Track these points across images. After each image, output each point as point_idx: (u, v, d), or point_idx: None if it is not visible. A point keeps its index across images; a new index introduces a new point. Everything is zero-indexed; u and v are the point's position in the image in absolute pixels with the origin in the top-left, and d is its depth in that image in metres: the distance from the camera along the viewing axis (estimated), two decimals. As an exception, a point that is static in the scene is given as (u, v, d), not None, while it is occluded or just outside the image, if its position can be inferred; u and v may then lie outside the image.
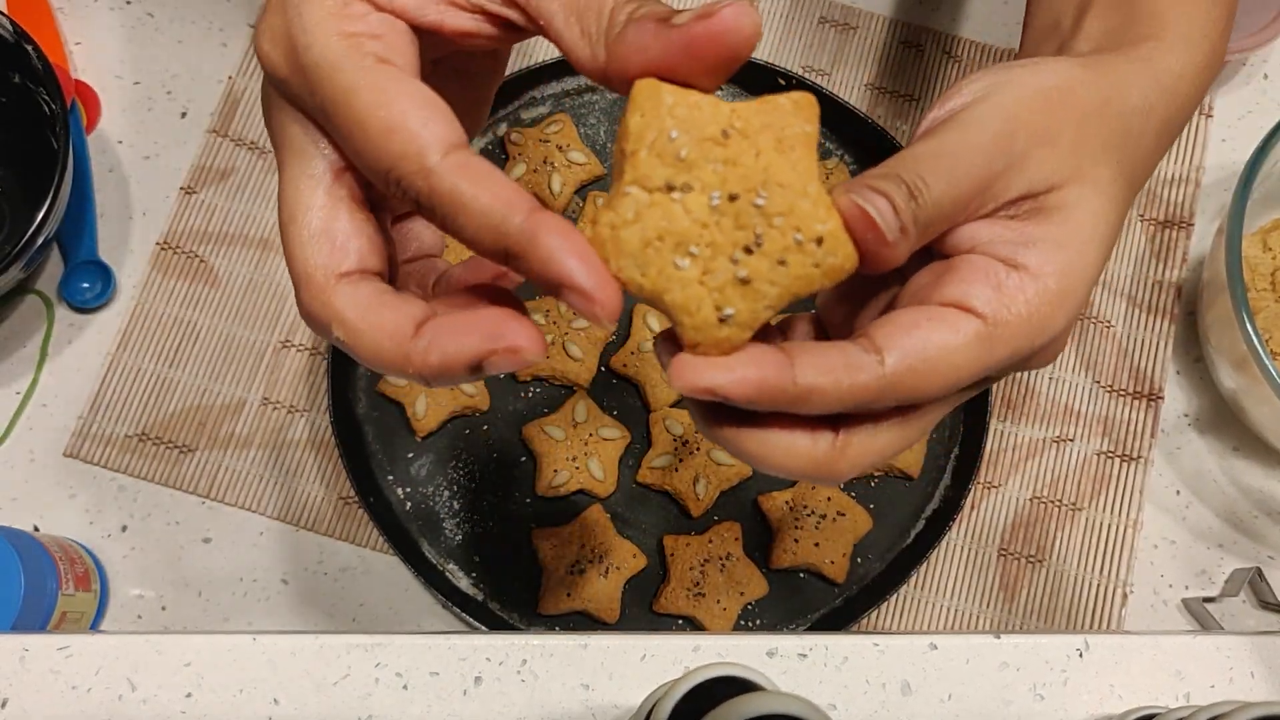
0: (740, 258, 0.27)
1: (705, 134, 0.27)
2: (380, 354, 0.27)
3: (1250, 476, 0.65)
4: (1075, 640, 0.42)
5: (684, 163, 0.27)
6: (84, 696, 0.40)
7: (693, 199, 0.27)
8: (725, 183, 0.27)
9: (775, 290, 0.27)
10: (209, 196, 0.68)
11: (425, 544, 0.62)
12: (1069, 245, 0.29)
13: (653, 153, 0.27)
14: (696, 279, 0.27)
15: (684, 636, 0.42)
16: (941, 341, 0.28)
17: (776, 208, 0.27)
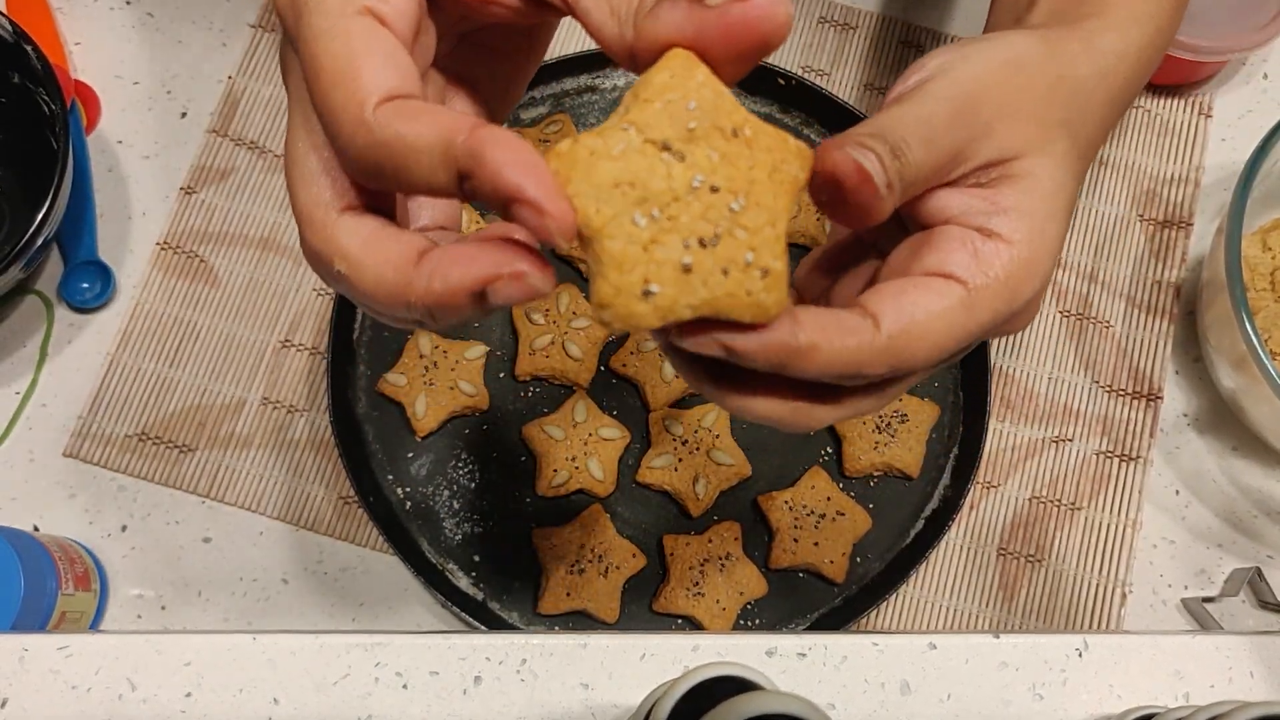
0: (692, 246, 0.26)
1: (718, 122, 0.27)
2: (381, 284, 0.26)
3: (1249, 476, 0.65)
4: (1074, 640, 0.43)
5: (689, 134, 0.26)
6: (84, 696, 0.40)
7: (680, 169, 0.26)
8: (714, 172, 0.26)
9: (703, 294, 0.27)
10: (209, 196, 0.68)
11: (425, 544, 0.62)
12: (1036, 214, 0.31)
13: (667, 109, 0.26)
14: (643, 243, 0.26)
15: (683, 636, 0.42)
16: (930, 306, 0.29)
17: (745, 221, 0.27)
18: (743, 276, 0.27)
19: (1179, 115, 0.71)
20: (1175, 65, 0.68)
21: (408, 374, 0.63)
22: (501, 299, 0.26)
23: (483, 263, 0.25)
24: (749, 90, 0.68)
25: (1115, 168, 0.70)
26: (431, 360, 0.63)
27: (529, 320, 0.64)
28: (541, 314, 0.64)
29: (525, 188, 0.24)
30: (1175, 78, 0.70)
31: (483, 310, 0.26)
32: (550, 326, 0.63)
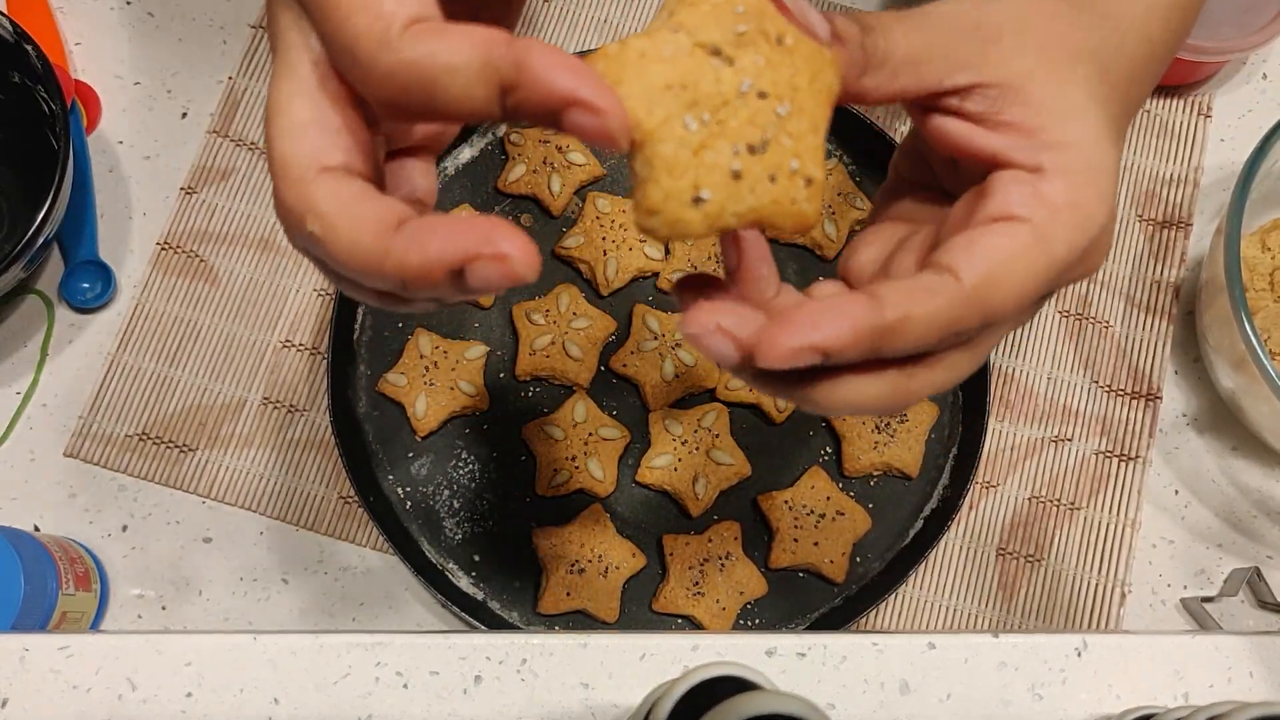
0: (741, 151, 0.26)
1: (764, 27, 0.26)
2: (356, 249, 0.25)
3: (1249, 476, 0.65)
4: (1074, 640, 0.43)
5: (738, 38, 0.26)
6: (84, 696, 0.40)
7: (729, 74, 0.26)
8: (762, 77, 0.26)
9: (751, 201, 0.26)
10: (209, 196, 0.68)
11: (425, 544, 0.62)
12: (1068, 121, 0.29)
13: (714, 12, 0.26)
14: (694, 147, 0.25)
15: (683, 636, 0.42)
16: (1005, 248, 0.28)
17: (791, 128, 0.26)
18: (788, 184, 0.26)
19: (1178, 115, 0.71)
20: (1175, 65, 0.68)
21: (408, 374, 0.63)
22: (479, 281, 0.24)
23: (466, 238, 0.24)
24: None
25: (1115, 168, 0.70)
26: (432, 360, 0.63)
27: (529, 320, 0.64)
28: (542, 314, 0.64)
29: (579, 89, 0.23)
30: (1175, 78, 0.70)
31: (459, 291, 0.25)
32: (550, 326, 0.63)
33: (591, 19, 0.72)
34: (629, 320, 0.65)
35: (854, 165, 0.68)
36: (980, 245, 0.28)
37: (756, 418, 0.64)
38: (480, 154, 0.68)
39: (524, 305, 0.64)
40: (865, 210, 0.66)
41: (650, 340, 0.63)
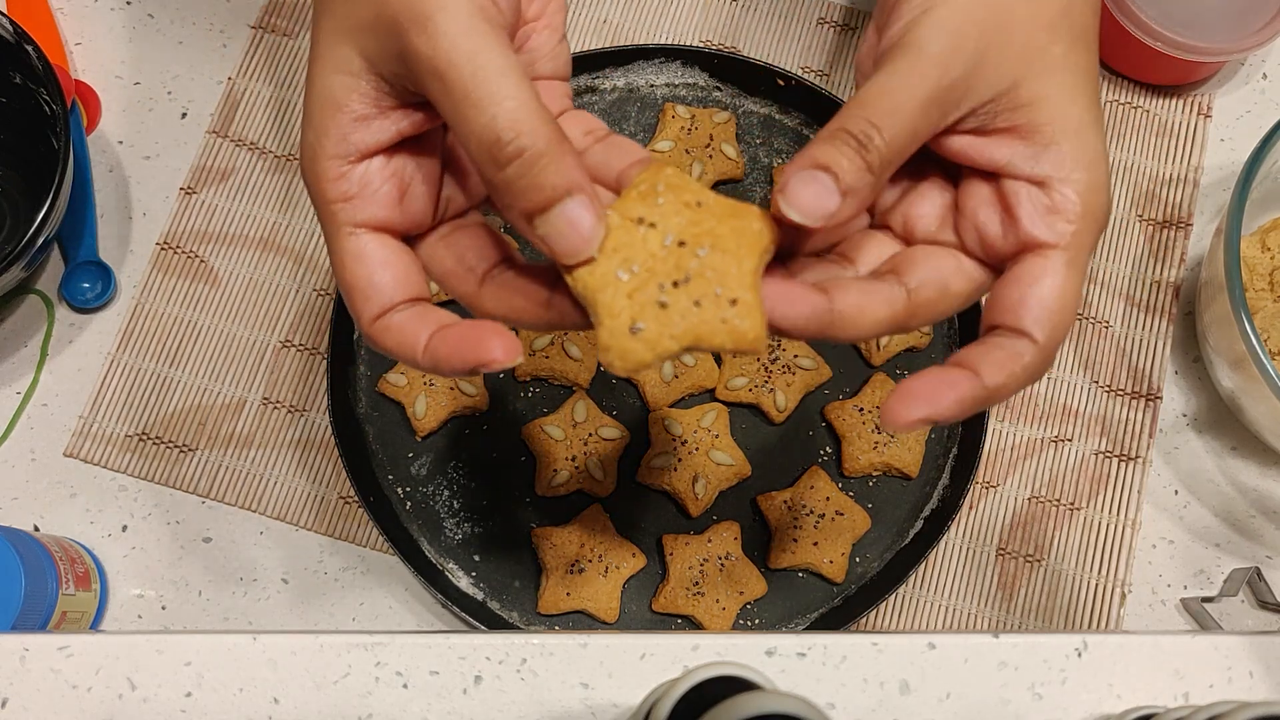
0: (667, 287, 0.32)
1: (684, 199, 0.33)
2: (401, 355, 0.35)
3: (1248, 476, 0.65)
4: (1074, 640, 0.43)
5: (659, 209, 0.33)
6: (84, 696, 0.40)
7: (653, 234, 0.33)
8: (682, 231, 0.33)
9: (683, 324, 0.32)
10: (209, 196, 0.68)
11: (425, 544, 0.62)
12: (1067, 135, 0.33)
13: (640, 196, 0.33)
14: (627, 292, 0.32)
15: (683, 636, 0.42)
16: (1055, 290, 0.33)
17: (711, 264, 0.32)
18: (715, 308, 0.32)
19: (1178, 115, 0.71)
20: (1175, 65, 0.68)
21: (408, 374, 0.63)
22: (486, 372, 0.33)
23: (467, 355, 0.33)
24: (748, 91, 0.69)
25: (1114, 168, 0.70)
26: (431, 360, 0.63)
27: (529, 320, 0.64)
28: (541, 314, 0.64)
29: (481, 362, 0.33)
30: (1175, 78, 0.70)
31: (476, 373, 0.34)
32: (550, 327, 0.63)
33: (591, 19, 0.72)
34: (629, 320, 0.64)
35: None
36: (1038, 300, 0.33)
37: (756, 418, 0.64)
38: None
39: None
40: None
41: (650, 340, 0.63)
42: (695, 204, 0.33)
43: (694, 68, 0.68)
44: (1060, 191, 0.33)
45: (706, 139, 0.67)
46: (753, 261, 0.32)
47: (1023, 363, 0.33)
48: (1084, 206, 0.33)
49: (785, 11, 0.73)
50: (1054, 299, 0.33)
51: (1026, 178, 0.33)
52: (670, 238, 0.33)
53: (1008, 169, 0.34)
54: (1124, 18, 0.66)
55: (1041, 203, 0.33)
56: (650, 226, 0.33)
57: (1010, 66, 0.33)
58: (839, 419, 0.63)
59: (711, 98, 0.69)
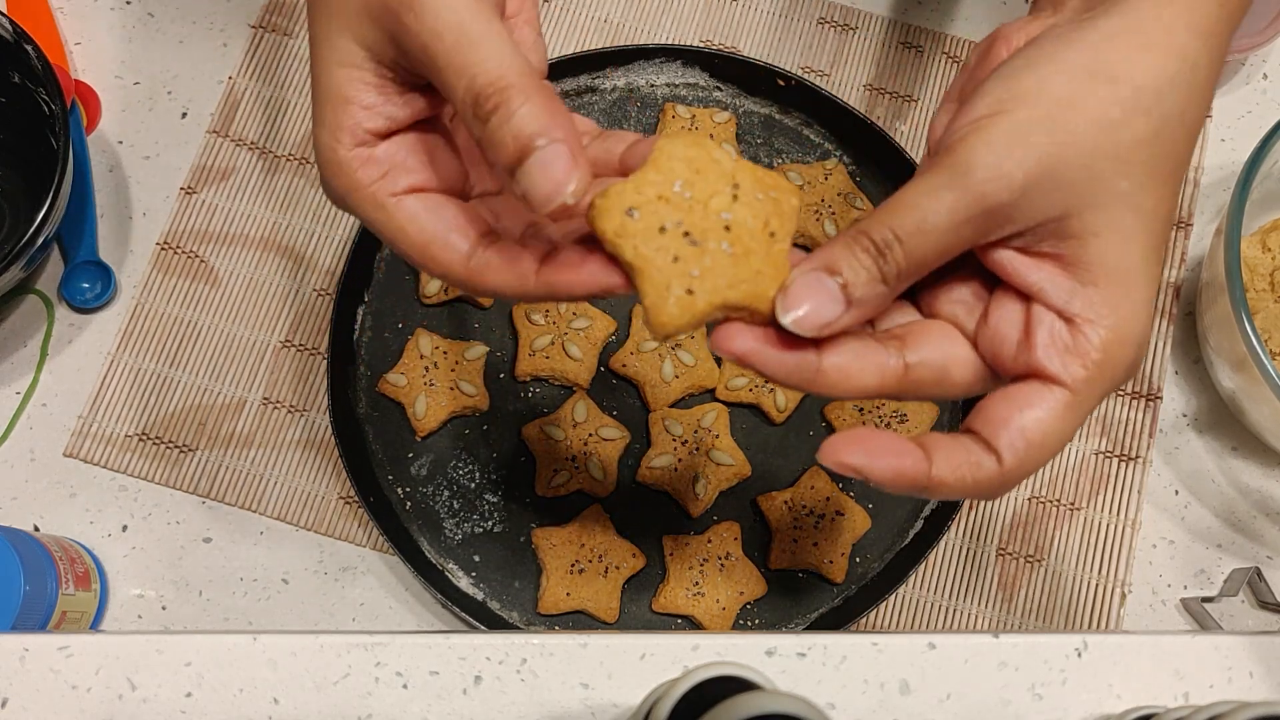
0: (708, 252, 0.32)
1: (719, 170, 0.34)
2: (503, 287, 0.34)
3: (1249, 476, 0.65)
4: (1074, 640, 0.43)
5: (696, 179, 0.33)
6: (84, 696, 0.40)
7: (693, 205, 0.33)
8: (720, 205, 0.33)
9: (722, 291, 0.32)
10: (209, 196, 0.68)
11: (425, 544, 0.62)
12: (1109, 281, 0.31)
13: (674, 166, 0.33)
14: (669, 257, 0.32)
15: (683, 636, 0.42)
16: (1043, 424, 0.32)
17: (744, 237, 0.33)
18: (752, 278, 0.32)
19: (1178, 116, 0.71)
20: (1175, 66, 0.68)
21: (408, 374, 0.63)
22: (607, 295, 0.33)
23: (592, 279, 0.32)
24: (748, 91, 0.69)
25: (1115, 168, 0.70)
26: (432, 360, 0.63)
27: (529, 321, 0.64)
28: (542, 314, 0.64)
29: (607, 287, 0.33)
30: (1175, 78, 0.70)
31: None
32: (550, 327, 0.63)
33: (592, 18, 0.72)
34: (629, 320, 0.65)
35: (854, 165, 0.68)
36: (1020, 426, 0.32)
37: (756, 418, 0.64)
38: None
39: (524, 305, 0.64)
40: (865, 210, 0.66)
41: (650, 340, 0.63)
42: (732, 184, 0.32)
43: (694, 68, 0.68)
44: (1085, 334, 0.32)
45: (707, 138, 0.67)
46: (784, 244, 0.33)
47: (977, 475, 0.32)
48: (1104, 356, 0.31)
49: (785, 11, 0.73)
50: (1038, 433, 0.32)
51: (1056, 310, 0.32)
52: (709, 209, 0.32)
53: (1040, 295, 0.32)
54: (1124, 18, 0.66)
55: (1063, 339, 0.32)
56: (686, 198, 0.32)
57: (1063, 196, 0.31)
58: (839, 419, 0.63)
59: (711, 98, 0.69)
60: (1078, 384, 0.32)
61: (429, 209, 0.34)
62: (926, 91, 0.71)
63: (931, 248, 0.31)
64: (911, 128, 0.70)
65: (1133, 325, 0.32)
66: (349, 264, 0.63)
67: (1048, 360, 0.32)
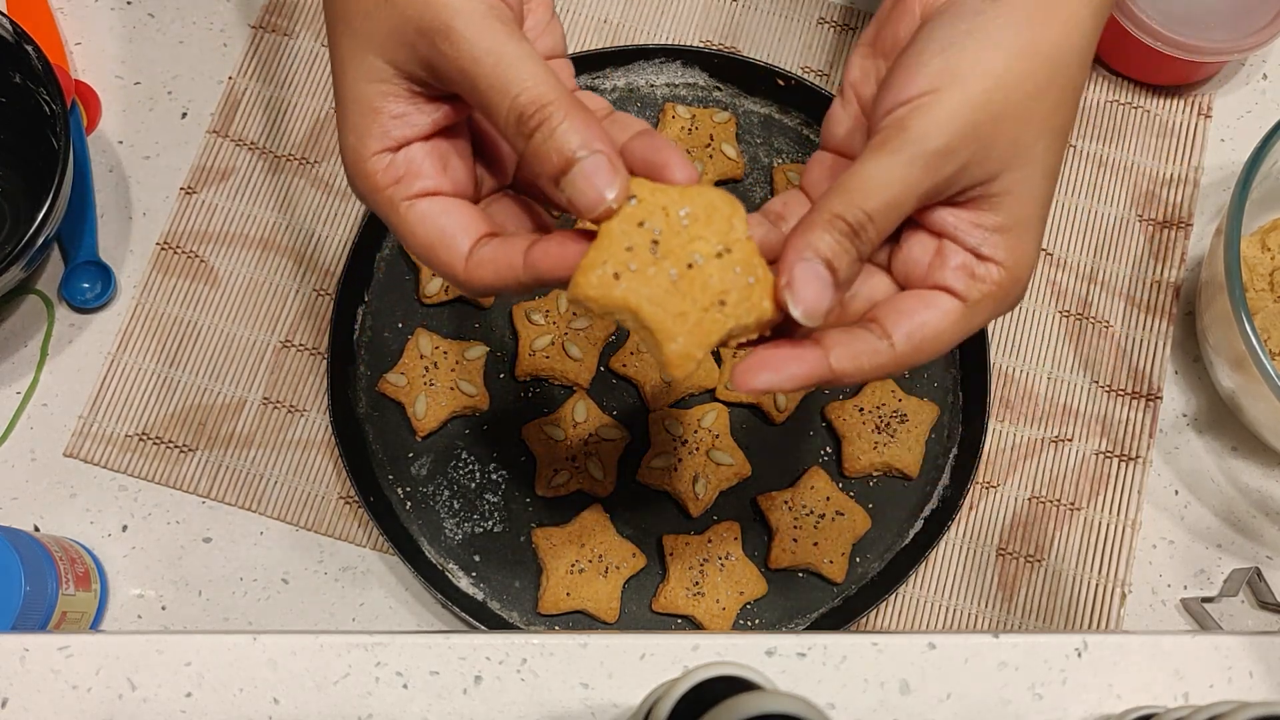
0: (709, 300, 0.35)
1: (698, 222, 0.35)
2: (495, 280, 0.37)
3: (1249, 476, 0.65)
4: (1074, 640, 0.43)
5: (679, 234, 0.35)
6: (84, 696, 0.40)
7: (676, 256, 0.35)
8: (703, 249, 0.35)
9: (723, 322, 0.35)
10: (209, 196, 0.68)
11: (425, 544, 0.62)
12: (1014, 226, 0.37)
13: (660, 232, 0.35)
14: (674, 312, 0.35)
15: (683, 636, 0.42)
16: (934, 322, 0.37)
17: (728, 273, 0.35)
18: (742, 305, 0.35)
19: (1179, 115, 0.71)
20: (1175, 65, 0.68)
21: (408, 374, 0.63)
22: None
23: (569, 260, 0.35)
24: (748, 91, 0.69)
25: (1115, 168, 0.70)
26: (432, 360, 0.63)
27: (529, 321, 0.64)
28: (542, 314, 0.64)
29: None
30: (1175, 78, 0.70)
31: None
32: (550, 327, 0.63)
33: (591, 19, 0.72)
34: (629, 320, 0.65)
35: (854, 165, 0.68)
36: (917, 317, 0.37)
37: (756, 418, 0.64)
38: (480, 154, 0.68)
39: (524, 305, 0.64)
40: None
41: (650, 340, 0.63)
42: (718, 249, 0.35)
43: (694, 68, 0.69)
44: (988, 268, 0.37)
45: (706, 139, 0.67)
46: (747, 247, 0.35)
47: (873, 361, 0.36)
48: (998, 287, 0.37)
49: (785, 11, 0.73)
50: (931, 330, 0.37)
51: (968, 248, 0.37)
52: (699, 257, 0.35)
53: (955, 236, 0.37)
54: (1124, 18, 0.66)
55: (969, 267, 0.37)
56: (661, 246, 0.35)
57: (994, 163, 0.36)
58: (839, 419, 0.63)
59: (711, 98, 0.69)
60: (973, 302, 0.37)
61: (438, 212, 0.37)
62: (926, 91, 0.71)
63: (894, 221, 0.36)
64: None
65: (1025, 265, 0.37)
66: (349, 264, 0.63)
67: (955, 280, 0.37)
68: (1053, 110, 0.36)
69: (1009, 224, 0.37)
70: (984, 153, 0.35)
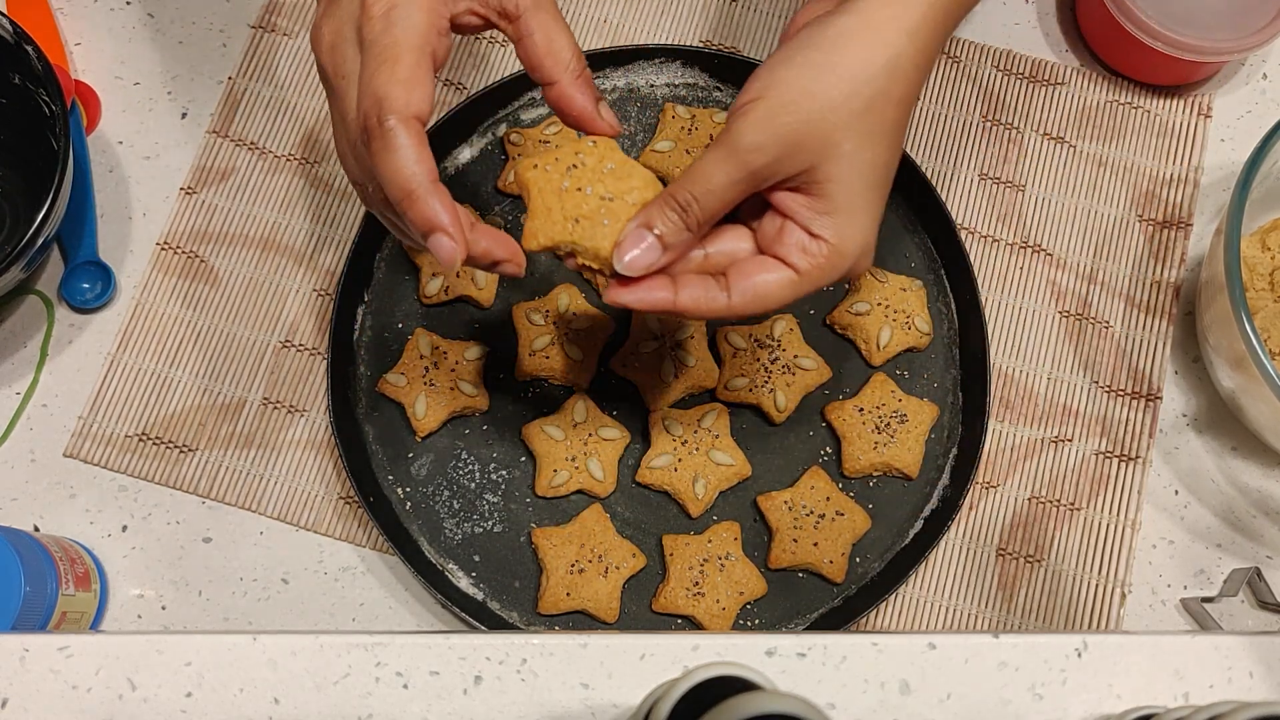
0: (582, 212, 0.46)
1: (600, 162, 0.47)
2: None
3: (1249, 476, 0.65)
4: (1074, 640, 0.43)
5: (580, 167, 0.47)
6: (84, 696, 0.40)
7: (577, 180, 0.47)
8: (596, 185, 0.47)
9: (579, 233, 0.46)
10: (209, 196, 0.68)
11: (425, 544, 0.62)
12: (837, 210, 0.45)
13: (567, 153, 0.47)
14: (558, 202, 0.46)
15: (683, 636, 0.42)
16: (767, 284, 0.46)
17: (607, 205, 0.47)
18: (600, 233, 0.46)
19: (1178, 115, 0.71)
20: (1175, 65, 0.68)
21: (408, 374, 0.63)
22: (500, 270, 0.46)
23: (498, 251, 0.45)
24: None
25: (1114, 168, 0.70)
26: (432, 360, 0.63)
27: (529, 321, 0.64)
28: (541, 314, 0.64)
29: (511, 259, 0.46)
30: (1175, 78, 0.70)
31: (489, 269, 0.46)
32: (550, 327, 0.63)
33: (591, 18, 0.72)
34: (629, 321, 0.65)
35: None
36: (753, 279, 0.46)
37: (756, 418, 0.64)
38: (480, 154, 0.68)
39: (524, 305, 0.64)
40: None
41: (650, 340, 0.63)
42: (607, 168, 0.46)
43: (694, 68, 0.69)
44: (818, 244, 0.45)
45: (706, 139, 0.67)
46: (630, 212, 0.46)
47: (711, 306, 0.46)
48: (825, 260, 0.45)
49: (785, 11, 0.73)
50: (764, 289, 0.46)
51: (802, 226, 0.46)
52: (590, 188, 0.46)
53: (794, 216, 0.46)
54: (1124, 18, 0.66)
55: (802, 243, 0.46)
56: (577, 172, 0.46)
57: (808, 156, 0.44)
58: (839, 419, 0.63)
59: (711, 98, 0.69)
60: (804, 271, 0.46)
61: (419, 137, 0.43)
62: (926, 91, 0.71)
63: (717, 202, 0.45)
64: (911, 127, 0.70)
65: (850, 243, 0.45)
66: (349, 264, 0.63)
67: (789, 253, 0.46)
68: (859, 115, 0.44)
69: (834, 209, 0.45)
70: (794, 149, 0.44)
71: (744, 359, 0.63)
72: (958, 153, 0.70)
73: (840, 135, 0.44)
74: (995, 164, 0.70)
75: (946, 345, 0.66)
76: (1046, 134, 0.70)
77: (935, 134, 0.70)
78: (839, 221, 0.45)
